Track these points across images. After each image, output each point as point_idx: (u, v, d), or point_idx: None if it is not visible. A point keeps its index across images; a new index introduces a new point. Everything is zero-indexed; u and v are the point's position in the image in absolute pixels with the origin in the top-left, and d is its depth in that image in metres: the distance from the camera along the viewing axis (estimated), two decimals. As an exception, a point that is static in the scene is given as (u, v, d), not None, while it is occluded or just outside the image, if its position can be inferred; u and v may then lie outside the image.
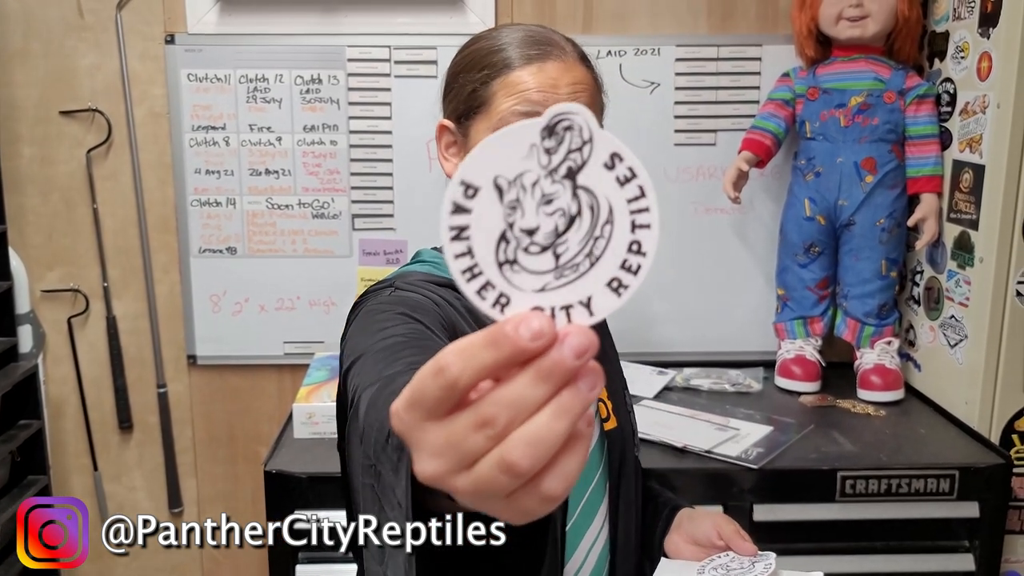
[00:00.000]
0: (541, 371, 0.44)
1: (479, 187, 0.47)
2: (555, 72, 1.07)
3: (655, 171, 2.24)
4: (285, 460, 1.78)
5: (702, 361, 2.28)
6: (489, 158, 0.46)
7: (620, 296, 0.48)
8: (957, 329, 1.96)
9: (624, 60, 2.21)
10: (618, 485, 1.19)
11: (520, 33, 1.10)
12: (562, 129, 0.47)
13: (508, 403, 0.45)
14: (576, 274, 0.48)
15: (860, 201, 2.05)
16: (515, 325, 0.44)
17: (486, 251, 0.47)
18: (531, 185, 0.47)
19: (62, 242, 2.29)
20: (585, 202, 0.47)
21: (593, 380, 0.46)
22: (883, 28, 2.02)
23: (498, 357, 0.44)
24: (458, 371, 0.45)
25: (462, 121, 1.12)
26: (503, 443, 0.45)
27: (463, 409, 0.46)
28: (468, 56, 1.13)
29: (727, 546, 1.20)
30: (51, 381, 2.34)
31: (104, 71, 2.22)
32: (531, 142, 0.47)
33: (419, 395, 0.46)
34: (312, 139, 2.23)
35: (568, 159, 0.47)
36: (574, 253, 0.48)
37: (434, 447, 0.46)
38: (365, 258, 2.28)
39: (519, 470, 0.44)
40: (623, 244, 0.48)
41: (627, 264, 0.48)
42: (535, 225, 0.47)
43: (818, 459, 1.78)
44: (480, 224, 0.47)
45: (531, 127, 0.46)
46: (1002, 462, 1.79)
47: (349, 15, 2.21)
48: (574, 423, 0.45)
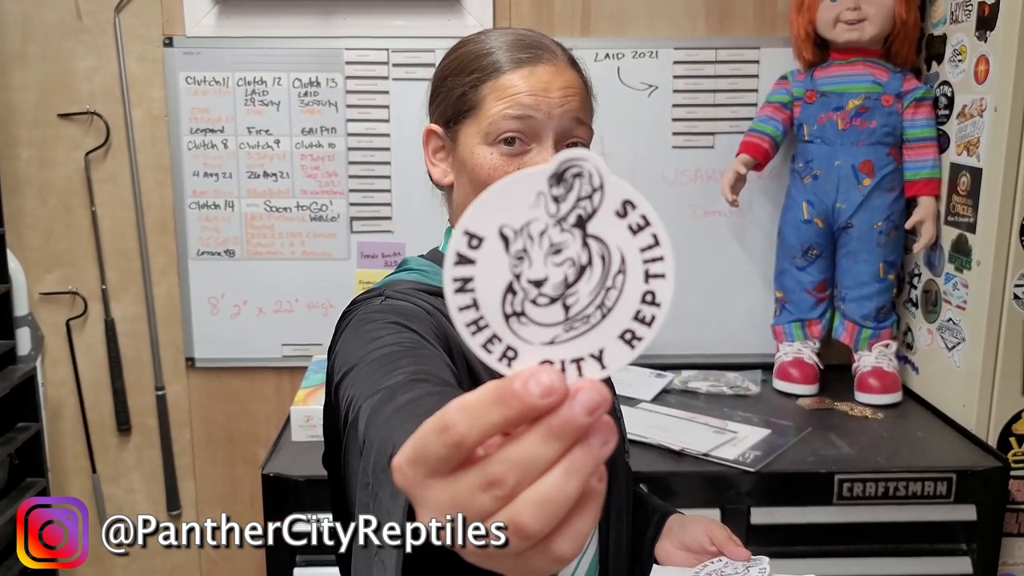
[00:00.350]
0: (552, 429, 0.42)
1: (484, 237, 0.45)
2: (546, 76, 1.06)
3: (653, 174, 2.25)
4: (283, 463, 1.78)
5: (700, 364, 2.28)
6: (494, 206, 0.45)
7: (634, 348, 0.46)
8: (955, 332, 1.96)
9: (622, 63, 2.21)
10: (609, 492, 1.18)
11: (509, 37, 1.09)
12: (571, 176, 0.45)
13: (517, 463, 0.43)
14: (587, 326, 0.46)
15: (858, 204, 2.05)
16: (524, 381, 0.42)
17: (492, 303, 0.45)
18: (539, 234, 0.45)
19: (60, 244, 2.29)
20: (596, 251, 0.45)
21: (606, 436, 0.44)
22: (881, 31, 2.02)
23: (507, 415, 0.42)
24: (465, 430, 0.43)
25: (451, 125, 1.10)
26: (511, 504, 0.43)
27: (470, 467, 0.44)
28: (456, 59, 1.11)
29: (719, 551, 1.19)
30: (49, 383, 2.34)
31: (102, 74, 2.22)
32: (538, 190, 0.45)
33: (422, 452, 0.44)
34: (310, 142, 2.23)
35: (578, 207, 0.45)
36: (585, 304, 0.46)
37: (439, 506, 0.44)
38: (363, 260, 2.28)
39: (528, 532, 0.42)
40: (636, 295, 0.46)
41: (641, 315, 0.46)
42: (543, 276, 0.45)
43: (816, 462, 1.78)
44: (485, 275, 0.45)
45: (538, 174, 0.45)
46: (999, 465, 1.79)
47: (347, 18, 2.21)
48: (586, 482, 0.43)
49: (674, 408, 2.03)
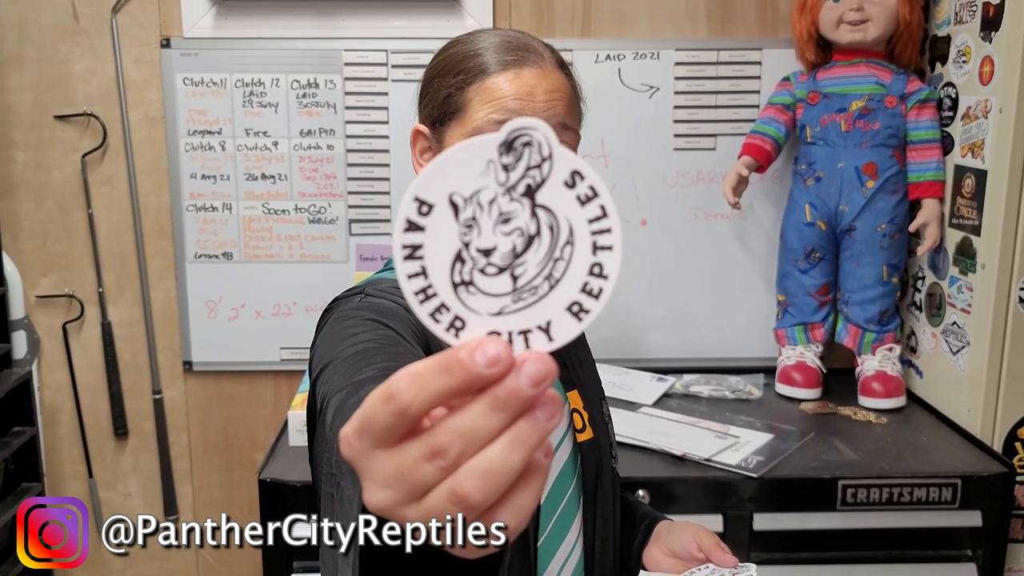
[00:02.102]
0: (496, 400, 0.42)
1: (434, 204, 0.44)
2: (532, 79, 1.05)
3: (654, 176, 2.23)
4: (280, 468, 1.77)
5: (702, 368, 2.27)
6: (444, 173, 0.44)
7: (581, 321, 0.45)
8: (959, 336, 1.95)
9: (623, 64, 2.19)
10: (594, 498, 1.16)
11: (498, 38, 1.08)
12: (521, 145, 0.44)
13: (460, 432, 0.43)
14: (535, 297, 0.46)
15: (861, 206, 2.04)
16: (470, 351, 0.42)
17: (440, 272, 0.45)
18: (488, 203, 0.45)
19: (57, 247, 2.27)
20: (544, 222, 0.45)
21: (551, 410, 0.43)
22: (884, 32, 2.01)
23: (452, 384, 0.42)
24: (410, 398, 0.43)
25: (437, 127, 1.10)
26: (454, 474, 0.43)
27: (414, 437, 0.44)
28: (444, 60, 1.11)
29: (707, 558, 1.18)
30: (46, 387, 2.32)
31: (99, 75, 2.20)
32: (488, 158, 0.44)
33: (369, 421, 0.44)
34: (308, 143, 2.22)
35: (527, 176, 0.45)
36: (533, 275, 0.46)
37: (383, 476, 0.44)
38: (362, 263, 2.26)
39: (471, 503, 0.43)
40: (584, 266, 0.45)
41: (588, 287, 0.45)
42: (492, 245, 0.45)
43: (819, 467, 1.77)
44: (434, 243, 0.45)
45: (488, 142, 0.44)
46: (1005, 470, 1.77)
47: (346, 19, 2.19)
48: (530, 455, 0.43)
49: (676, 412, 2.01)
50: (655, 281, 2.27)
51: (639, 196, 2.24)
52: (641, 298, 2.26)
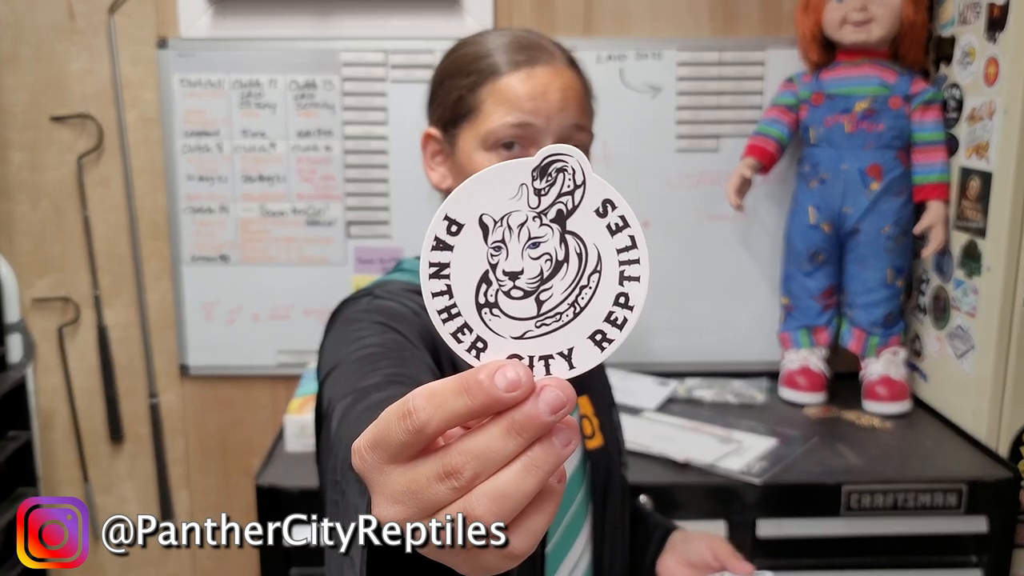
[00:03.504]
0: (514, 424, 0.42)
1: (463, 223, 0.45)
2: (544, 77, 1.04)
3: (656, 177, 2.22)
4: (277, 474, 1.75)
5: (704, 372, 2.25)
6: (477, 194, 0.45)
7: (603, 350, 0.46)
8: (964, 339, 1.93)
9: (625, 64, 2.17)
10: (603, 506, 1.15)
11: (507, 38, 1.08)
12: (554, 171, 0.45)
13: (476, 455, 0.43)
14: (558, 323, 0.46)
15: (865, 208, 2.02)
16: (490, 373, 0.42)
17: (466, 292, 0.45)
18: (518, 226, 0.45)
19: (52, 249, 2.25)
20: (573, 248, 0.46)
21: (568, 436, 0.44)
22: (888, 32, 1.99)
23: (470, 405, 0.42)
24: (427, 416, 0.43)
25: (448, 129, 1.09)
26: (467, 496, 0.43)
27: (428, 455, 0.44)
28: (454, 62, 1.10)
29: (722, 567, 1.18)
30: (41, 391, 2.30)
31: (95, 76, 2.18)
32: (521, 181, 0.45)
33: (383, 436, 0.44)
34: (306, 145, 2.20)
35: (558, 202, 0.45)
36: (558, 301, 0.46)
37: (394, 492, 0.44)
38: (360, 266, 2.24)
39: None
40: (610, 296, 0.46)
41: (613, 317, 0.46)
42: (519, 268, 0.45)
43: (823, 473, 1.75)
44: (462, 262, 0.45)
45: (522, 166, 0.45)
46: (1011, 476, 1.75)
47: (344, 18, 2.17)
48: (544, 480, 0.43)
49: (678, 417, 1.99)
50: (657, 284, 2.25)
51: (641, 198, 2.22)
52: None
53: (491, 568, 0.45)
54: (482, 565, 0.45)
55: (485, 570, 0.46)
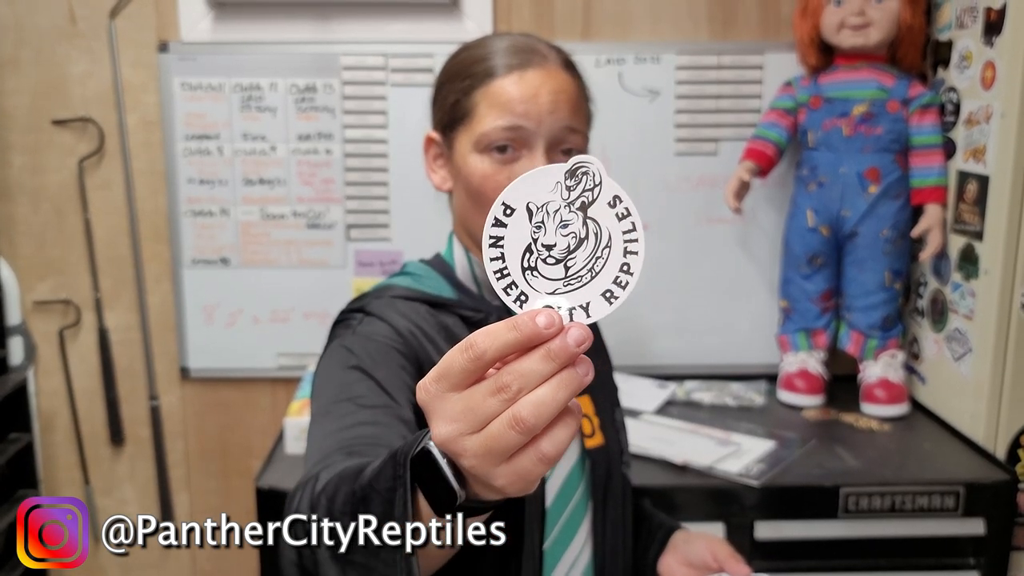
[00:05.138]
0: (550, 351, 0.55)
1: (515, 208, 0.60)
2: (536, 80, 1.05)
3: (655, 181, 2.22)
4: (277, 476, 1.76)
5: (703, 374, 2.26)
6: (525, 187, 0.60)
7: (611, 304, 0.60)
8: (962, 342, 1.93)
9: (624, 68, 2.18)
10: (603, 504, 1.16)
11: (505, 42, 1.09)
12: (580, 173, 0.60)
13: (521, 374, 0.55)
14: (580, 284, 0.61)
15: (863, 211, 2.02)
16: (532, 316, 0.56)
17: (514, 258, 0.61)
18: (554, 212, 0.60)
19: (53, 252, 2.26)
20: (592, 229, 0.60)
21: (587, 367, 0.57)
22: (886, 36, 1.99)
23: (518, 338, 0.56)
24: (485, 347, 0.56)
25: (447, 132, 1.10)
26: (514, 405, 0.55)
27: (481, 382, 0.57)
28: (453, 66, 1.11)
29: (721, 568, 1.18)
30: (42, 394, 2.31)
31: (96, 79, 2.19)
32: (557, 179, 0.60)
33: (448, 368, 0.57)
34: (307, 148, 2.20)
35: (582, 196, 0.60)
36: (580, 267, 0.60)
37: (453, 413, 0.57)
38: (360, 269, 2.25)
39: (526, 426, 0.55)
40: (617, 264, 0.60)
41: (619, 280, 0.60)
42: (553, 242, 0.60)
43: (821, 475, 1.75)
44: (512, 237, 0.60)
45: (559, 169, 0.60)
46: (1008, 478, 1.76)
47: (344, 22, 2.18)
48: (571, 396, 0.56)
49: (677, 419, 2.00)
50: (657, 287, 2.26)
51: (641, 201, 2.19)
52: (642, 304, 2.25)
53: (528, 473, 0.56)
54: (519, 472, 0.56)
55: (523, 478, 0.57)
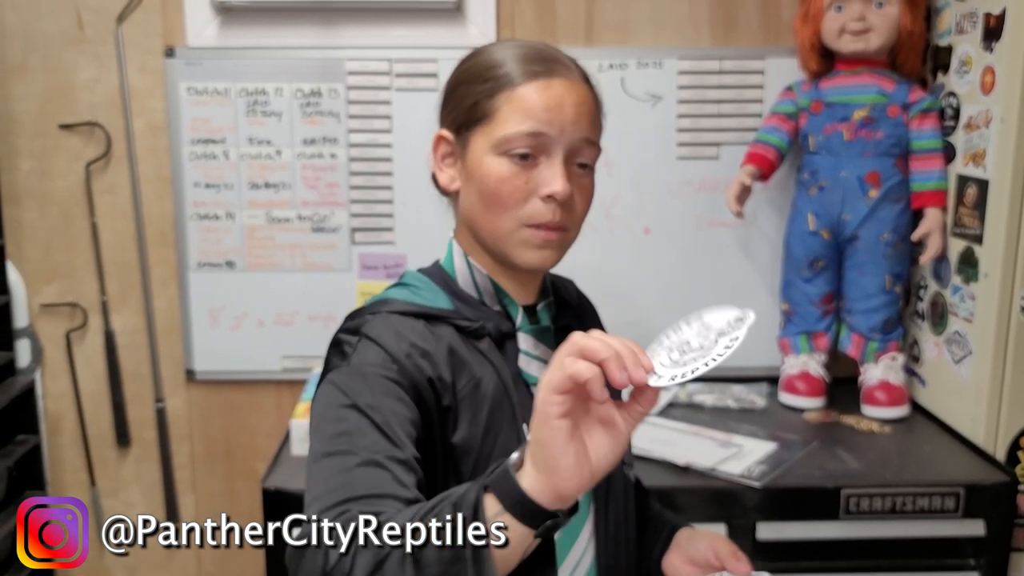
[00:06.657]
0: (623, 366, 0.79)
1: (689, 324, 0.88)
2: (561, 90, 1.06)
3: (657, 185, 2.24)
4: (283, 477, 1.77)
5: (705, 377, 2.25)
6: (709, 316, 0.89)
7: (672, 383, 0.83)
8: (962, 344, 1.95)
9: (626, 73, 2.20)
10: (605, 505, 1.17)
11: (523, 49, 1.09)
12: (737, 320, 0.88)
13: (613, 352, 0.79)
14: (679, 369, 0.83)
15: (864, 215, 2.04)
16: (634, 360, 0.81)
17: (667, 347, 0.86)
18: (685, 342, 0.87)
19: (60, 256, 2.27)
20: (706, 346, 0.85)
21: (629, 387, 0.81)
22: (886, 41, 2.01)
23: (614, 354, 0.79)
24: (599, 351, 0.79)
25: (461, 132, 1.10)
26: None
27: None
28: (470, 68, 1.11)
29: (722, 566, 1.19)
30: (49, 396, 2.32)
31: (103, 84, 2.21)
32: (728, 318, 0.89)
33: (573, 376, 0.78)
34: (312, 152, 2.22)
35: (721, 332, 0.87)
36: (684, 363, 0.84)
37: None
38: (365, 272, 2.26)
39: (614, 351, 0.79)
40: (692, 369, 0.83)
41: (685, 374, 0.83)
42: (671, 360, 0.85)
43: (822, 476, 1.77)
44: (674, 337, 0.87)
45: (728, 312, 0.89)
46: (1008, 480, 1.77)
47: (349, 28, 2.20)
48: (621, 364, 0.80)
49: (679, 421, 2.01)
50: (658, 290, 2.27)
51: (642, 205, 2.24)
52: (644, 307, 2.26)
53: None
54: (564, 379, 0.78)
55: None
